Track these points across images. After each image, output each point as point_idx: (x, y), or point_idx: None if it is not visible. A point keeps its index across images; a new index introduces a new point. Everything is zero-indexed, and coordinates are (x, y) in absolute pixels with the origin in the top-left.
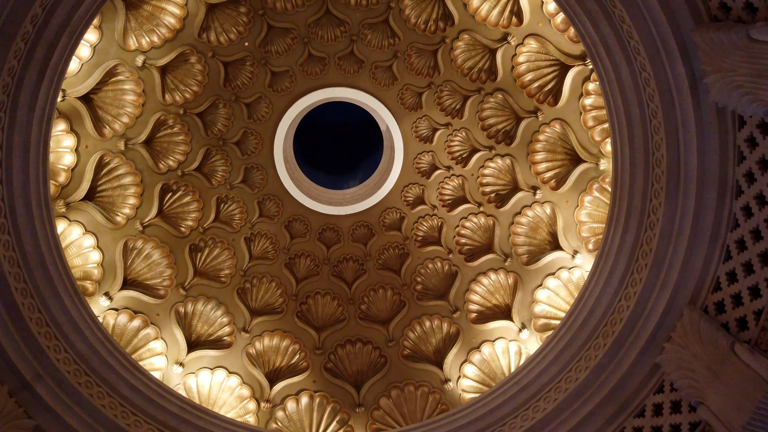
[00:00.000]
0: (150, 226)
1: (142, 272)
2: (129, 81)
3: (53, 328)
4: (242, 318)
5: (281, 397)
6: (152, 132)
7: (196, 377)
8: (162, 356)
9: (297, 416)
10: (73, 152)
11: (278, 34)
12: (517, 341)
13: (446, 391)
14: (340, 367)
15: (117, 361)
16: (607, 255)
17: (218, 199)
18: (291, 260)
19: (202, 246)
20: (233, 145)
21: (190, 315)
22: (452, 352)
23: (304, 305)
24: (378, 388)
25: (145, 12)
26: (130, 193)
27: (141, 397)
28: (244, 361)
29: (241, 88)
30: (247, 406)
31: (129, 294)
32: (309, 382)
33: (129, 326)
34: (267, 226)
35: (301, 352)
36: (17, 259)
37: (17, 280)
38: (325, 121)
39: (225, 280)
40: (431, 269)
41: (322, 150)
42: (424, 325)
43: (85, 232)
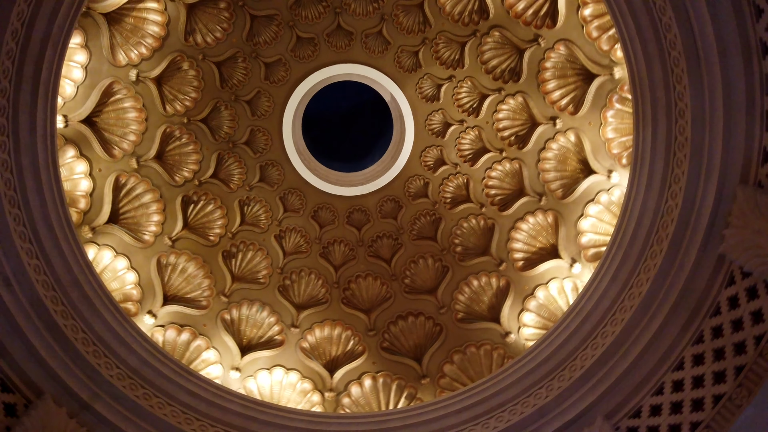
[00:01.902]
0: (178, 239)
1: (181, 286)
2: (127, 98)
3: (100, 346)
4: (289, 314)
5: (344, 384)
6: (161, 146)
7: (255, 379)
8: (217, 365)
9: (364, 399)
10: (88, 177)
11: (263, 24)
12: (570, 277)
13: (509, 344)
14: (396, 344)
15: (171, 370)
16: (642, 159)
17: (240, 202)
18: (325, 249)
19: (234, 251)
20: (243, 146)
21: (237, 321)
22: (506, 304)
23: (348, 291)
24: (439, 357)
25: (127, 25)
26: (152, 211)
27: (202, 402)
28: (300, 356)
29: (239, 86)
30: (312, 399)
31: (172, 309)
32: (368, 364)
33: (179, 340)
34: (294, 220)
35: (355, 336)
36: (51, 283)
37: (55, 303)
38: (330, 110)
39: (264, 281)
40: (467, 228)
41: (333, 139)
42: (472, 285)
43: (116, 254)
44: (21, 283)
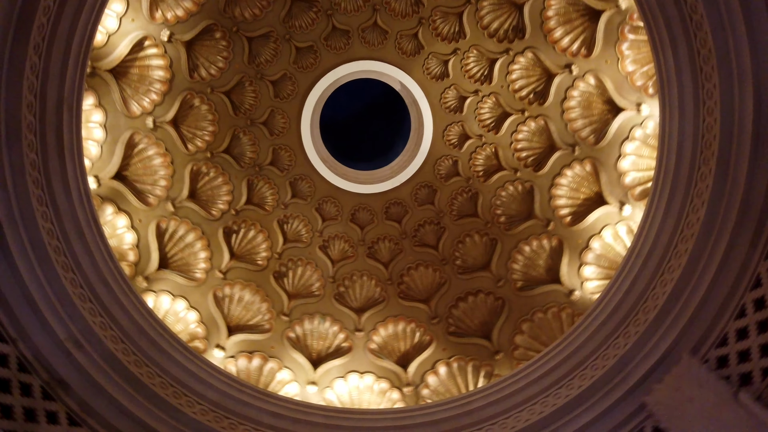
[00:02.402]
0: (228, 271)
1: (242, 315)
2: (150, 146)
3: (178, 387)
4: (350, 320)
5: (419, 376)
6: (192, 184)
7: (333, 389)
8: (293, 383)
9: (442, 387)
10: (131, 229)
11: (260, 43)
12: (622, 221)
13: (575, 302)
14: (462, 326)
15: (251, 396)
16: (669, 83)
17: (279, 221)
18: (371, 249)
19: (284, 270)
20: (269, 167)
21: (302, 336)
22: (564, 263)
23: (402, 285)
24: (508, 330)
25: (133, 75)
26: (198, 248)
27: (286, 420)
28: (370, 357)
29: (251, 110)
30: (392, 397)
31: (238, 339)
32: (439, 351)
33: (251, 367)
34: (334, 227)
35: (419, 328)
36: (119, 336)
37: (127, 354)
38: (345, 112)
39: (319, 293)
40: (506, 196)
41: (354, 140)
42: (524, 251)
43: (173, 297)
44: (91, 342)
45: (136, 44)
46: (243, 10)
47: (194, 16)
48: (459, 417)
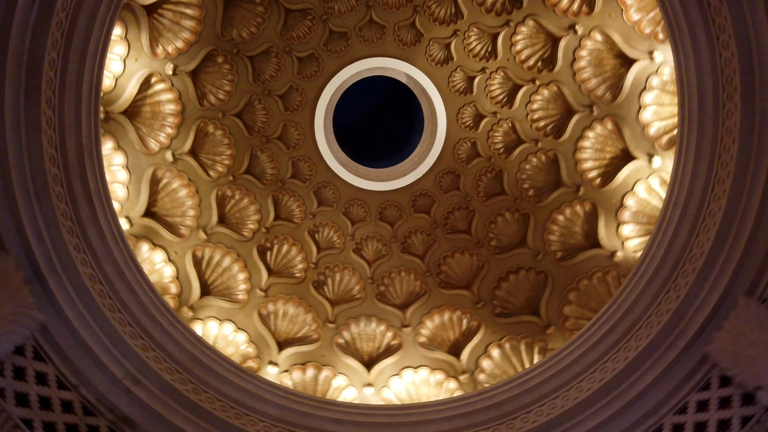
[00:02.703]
0: (269, 288)
1: (288, 329)
2: (173, 178)
3: (239, 408)
4: (396, 317)
5: (473, 362)
6: (219, 209)
7: (389, 388)
8: (349, 388)
9: (498, 369)
10: (168, 263)
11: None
12: (654, 173)
13: (619, 263)
14: (508, 306)
15: (310, 406)
16: (677, 22)
17: (309, 232)
18: (404, 244)
19: (322, 279)
20: (291, 180)
21: (351, 341)
22: (601, 226)
23: (441, 274)
24: (555, 302)
25: (146, 113)
26: (236, 271)
27: (349, 425)
28: (421, 351)
29: (264, 127)
30: (449, 387)
31: (289, 352)
32: (489, 335)
33: (306, 378)
34: (364, 229)
35: (465, 314)
36: (173, 367)
37: (184, 383)
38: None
39: (360, 295)
40: (530, 168)
41: (370, 141)
42: (558, 221)
43: (220, 322)
44: (148, 376)
45: (143, 83)
46: (240, 31)
47: (194, 45)
48: (519, 396)
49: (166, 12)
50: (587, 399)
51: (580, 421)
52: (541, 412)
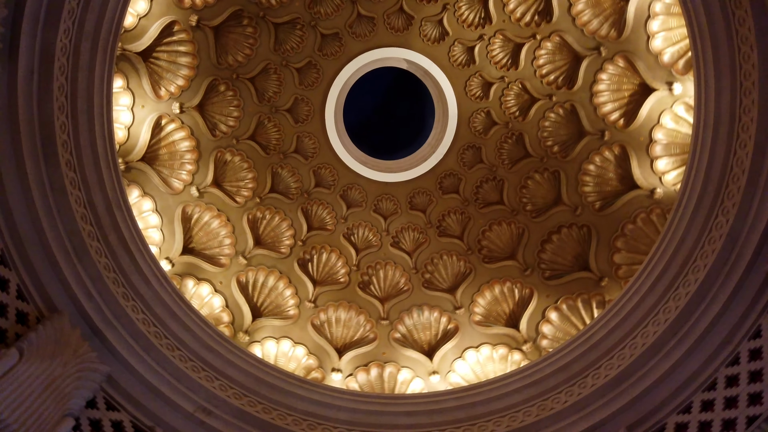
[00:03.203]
0: (317, 298)
1: (345, 334)
2: (204, 211)
3: (311, 419)
4: (447, 302)
5: (533, 330)
6: (253, 232)
7: (455, 372)
8: (416, 379)
9: (560, 332)
10: (216, 294)
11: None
12: (677, 101)
13: (660, 200)
14: (557, 267)
15: (381, 404)
16: None
17: (344, 236)
18: (440, 228)
19: (366, 279)
20: (317, 189)
21: (408, 333)
22: (634, 165)
23: (483, 250)
24: (603, 253)
25: (164, 156)
26: (282, 288)
27: (421, 415)
28: (479, 329)
29: (279, 143)
30: (514, 359)
31: (349, 357)
32: (543, 299)
33: (372, 377)
34: (397, 221)
35: (516, 284)
36: (240, 392)
37: (253, 405)
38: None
39: (407, 287)
40: (550, 124)
41: (385, 135)
42: (590, 171)
43: (277, 340)
44: (218, 405)
45: (154, 127)
46: (235, 56)
47: (194, 80)
48: (585, 354)
49: (161, 54)
50: (655, 343)
51: (652, 367)
52: (610, 366)
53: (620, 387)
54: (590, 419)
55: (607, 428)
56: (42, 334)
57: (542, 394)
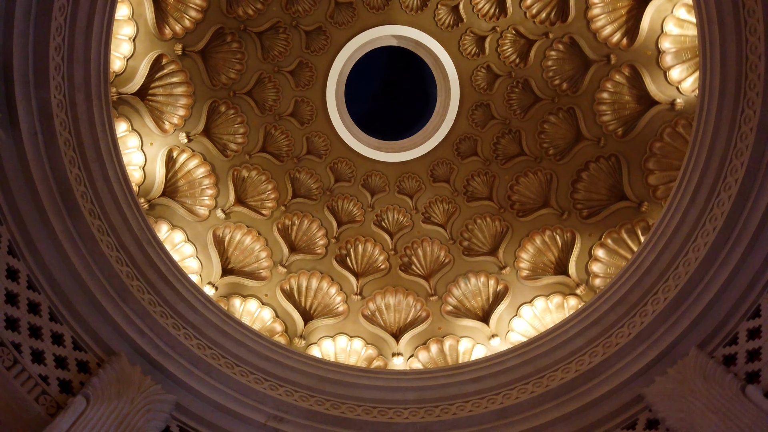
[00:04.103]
0: (363, 289)
1: (398, 318)
2: (235, 232)
3: (381, 405)
4: (490, 264)
5: (583, 271)
6: (287, 240)
7: (514, 331)
8: (477, 346)
9: (610, 267)
10: (264, 306)
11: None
12: (676, 4)
13: (683, 109)
14: (593, 204)
15: (446, 376)
16: None
17: (374, 223)
18: (467, 194)
19: (406, 260)
20: (339, 185)
21: (459, 304)
22: (648, 82)
23: (515, 205)
24: (637, 177)
25: (183, 186)
26: (326, 287)
27: (488, 379)
28: (528, 284)
29: (289, 148)
30: (570, 304)
31: (407, 338)
32: (586, 239)
33: (434, 354)
34: (424, 197)
35: (555, 230)
36: (305, 393)
37: (321, 404)
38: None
39: (448, 259)
40: (553, 63)
41: (393, 115)
42: (604, 99)
43: (333, 338)
44: (287, 411)
45: (167, 161)
46: (226, 74)
47: (194, 107)
48: (640, 282)
49: (156, 89)
50: (708, 254)
51: (711, 279)
52: (667, 288)
53: (682, 307)
54: (658, 346)
55: (677, 351)
56: (104, 378)
57: (604, 332)
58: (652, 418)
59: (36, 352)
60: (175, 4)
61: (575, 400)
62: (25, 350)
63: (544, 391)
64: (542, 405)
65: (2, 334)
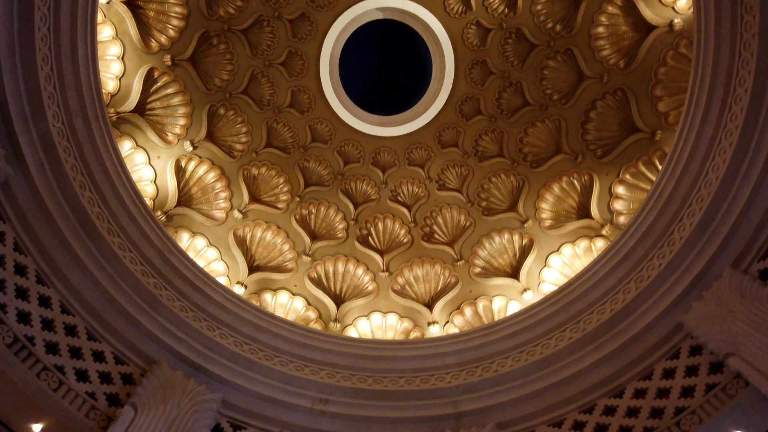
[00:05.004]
0: (389, 264)
1: (427, 288)
2: (256, 228)
3: (422, 374)
4: (512, 220)
5: (606, 211)
6: (306, 229)
7: (544, 282)
8: (511, 302)
9: (633, 202)
10: (294, 296)
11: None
12: None
13: (681, 29)
14: (606, 142)
15: (483, 336)
16: None
17: (390, 199)
18: (477, 155)
19: (429, 230)
20: (353, 165)
21: (486, 264)
22: (642, 6)
23: (528, 157)
24: (646, 107)
25: (197, 194)
26: (353, 269)
27: (526, 331)
28: (553, 233)
29: (291, 139)
30: (598, 246)
31: (440, 306)
32: (604, 178)
33: (468, 318)
34: (435, 164)
35: (572, 175)
36: (348, 373)
37: (362, 381)
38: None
39: (468, 221)
40: (542, 5)
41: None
42: (600, 33)
43: (367, 316)
44: (331, 393)
45: (177, 171)
46: (219, 76)
47: (193, 114)
48: (663, 212)
49: (154, 103)
50: (728, 173)
51: (735, 196)
52: (692, 213)
53: (709, 229)
54: (690, 272)
55: (711, 274)
56: (148, 386)
57: (634, 268)
58: (695, 344)
59: (79, 371)
60: (155, 16)
61: (614, 339)
62: (69, 371)
63: (582, 335)
64: (582, 349)
65: (44, 359)
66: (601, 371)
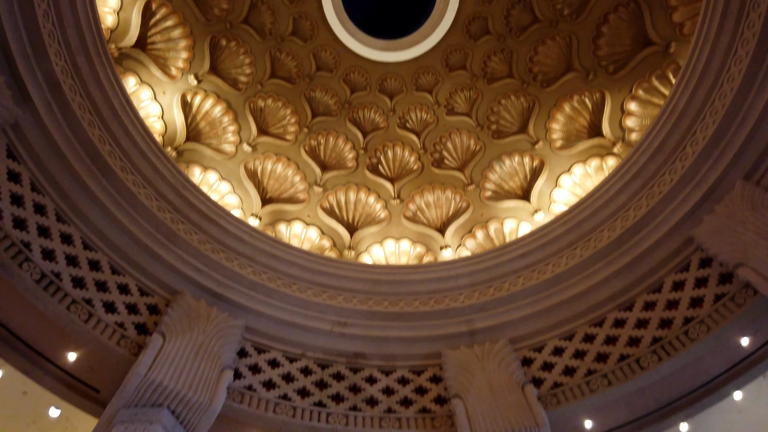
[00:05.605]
0: (401, 191)
1: (438, 214)
2: (266, 161)
3: (436, 294)
4: (522, 142)
5: (617, 129)
6: (317, 161)
7: (557, 203)
8: (522, 223)
9: (645, 118)
10: (308, 226)
11: None
12: None
13: None
14: (619, 56)
15: (492, 257)
16: None
17: (398, 126)
18: (485, 77)
19: (438, 156)
20: (355, 94)
21: (497, 187)
22: None
23: (538, 76)
24: (660, 18)
25: (205, 127)
26: (364, 196)
27: (538, 251)
28: (564, 153)
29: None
30: (609, 164)
31: (451, 231)
32: (617, 95)
33: (480, 240)
34: (443, 89)
35: (582, 93)
36: (365, 297)
37: (379, 303)
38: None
39: (478, 146)
40: None
41: (398, 13)
42: None
43: (380, 243)
44: (349, 316)
45: (183, 106)
46: (218, 5)
47: (195, 47)
48: (676, 126)
49: (154, 37)
50: (742, 85)
51: (748, 109)
52: (705, 126)
53: (722, 141)
54: (702, 186)
55: (723, 187)
56: (173, 315)
57: (646, 184)
58: (705, 257)
59: (107, 303)
60: None
61: (625, 254)
62: (97, 303)
63: (593, 252)
64: (593, 266)
65: (72, 293)
66: (611, 286)
